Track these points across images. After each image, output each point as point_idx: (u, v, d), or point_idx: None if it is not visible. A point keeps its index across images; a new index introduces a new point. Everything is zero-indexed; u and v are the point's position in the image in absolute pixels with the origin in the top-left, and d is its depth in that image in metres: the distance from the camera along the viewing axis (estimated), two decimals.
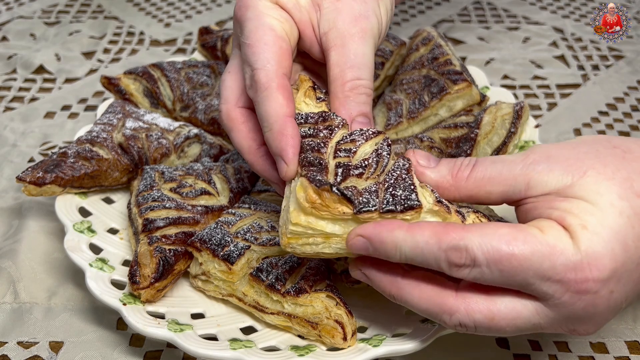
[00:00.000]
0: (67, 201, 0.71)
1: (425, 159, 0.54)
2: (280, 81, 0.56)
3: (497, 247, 0.46)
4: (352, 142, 0.54)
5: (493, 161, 0.52)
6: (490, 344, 0.64)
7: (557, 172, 0.48)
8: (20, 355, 0.63)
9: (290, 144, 0.54)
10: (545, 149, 0.51)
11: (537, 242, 0.45)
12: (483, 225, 0.47)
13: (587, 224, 0.46)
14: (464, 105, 0.80)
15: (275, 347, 0.60)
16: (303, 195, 0.49)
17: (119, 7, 1.29)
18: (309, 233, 0.50)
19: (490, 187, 0.51)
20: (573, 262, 0.45)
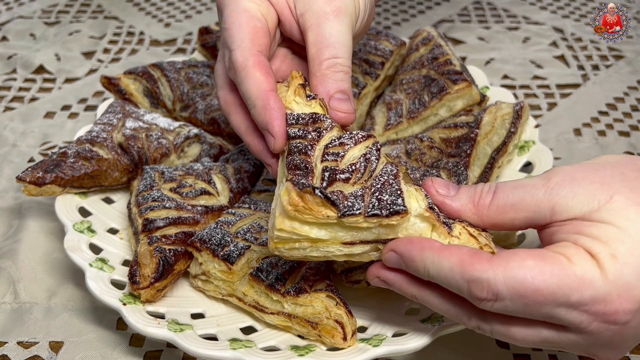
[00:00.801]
0: (67, 201, 0.71)
1: (444, 187, 0.53)
2: (256, 58, 0.58)
3: (522, 282, 0.44)
4: (340, 146, 0.53)
5: (514, 187, 0.50)
6: (491, 344, 0.64)
7: (582, 196, 0.47)
8: (20, 355, 0.63)
9: (274, 116, 0.55)
10: (568, 171, 0.49)
11: (564, 275, 0.44)
12: (509, 257, 0.45)
13: (617, 253, 0.44)
14: (464, 105, 0.80)
15: (275, 347, 0.60)
16: (287, 198, 0.48)
17: (119, 7, 1.29)
18: (294, 238, 0.50)
19: (514, 214, 0.50)
20: (602, 293, 0.44)
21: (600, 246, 0.44)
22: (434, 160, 0.74)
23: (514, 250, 0.47)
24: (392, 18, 1.26)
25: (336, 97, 0.59)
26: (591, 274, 0.44)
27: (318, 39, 0.60)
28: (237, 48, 0.58)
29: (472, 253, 0.47)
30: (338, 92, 0.59)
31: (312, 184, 0.49)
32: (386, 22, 1.24)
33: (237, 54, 0.58)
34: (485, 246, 0.50)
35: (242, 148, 0.79)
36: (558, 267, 0.44)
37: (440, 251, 0.48)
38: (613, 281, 0.44)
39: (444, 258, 0.47)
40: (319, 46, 0.60)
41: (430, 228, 0.50)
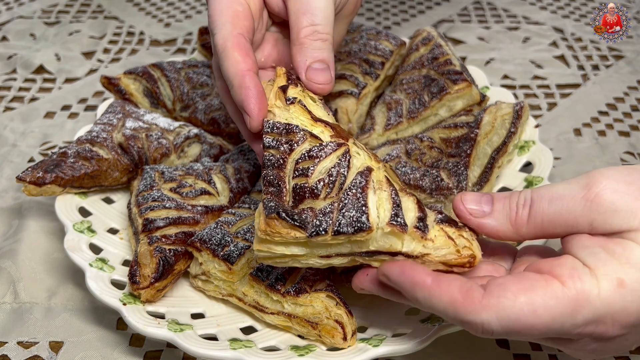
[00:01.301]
0: (67, 201, 0.71)
1: (476, 204, 0.51)
2: (235, 40, 0.58)
3: (516, 321, 0.44)
4: (310, 160, 0.52)
5: (550, 200, 0.47)
6: (491, 344, 0.64)
7: (623, 214, 0.44)
8: (20, 355, 0.63)
9: (249, 94, 0.55)
10: (611, 180, 0.46)
11: (558, 305, 0.43)
12: (500, 294, 0.44)
13: (627, 280, 0.43)
14: (464, 105, 0.80)
15: (275, 347, 0.60)
16: (257, 223, 0.50)
17: (119, 7, 1.29)
18: (274, 255, 0.51)
19: (552, 229, 0.48)
20: (596, 315, 0.43)
21: (612, 268, 0.43)
22: (434, 160, 0.74)
23: (504, 282, 0.45)
24: (392, 18, 1.26)
25: (313, 68, 0.58)
26: (587, 295, 0.43)
27: (297, 6, 0.59)
28: (217, 32, 0.59)
29: (464, 292, 0.45)
30: (316, 62, 0.58)
31: (281, 206, 0.49)
32: (386, 22, 1.24)
33: (218, 38, 0.59)
34: (464, 248, 0.50)
35: (242, 148, 0.79)
36: (551, 297, 0.43)
37: (432, 289, 0.46)
38: (612, 305, 0.43)
39: (434, 297, 0.46)
40: (297, 14, 0.59)
41: (400, 239, 0.50)
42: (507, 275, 0.47)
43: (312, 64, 0.58)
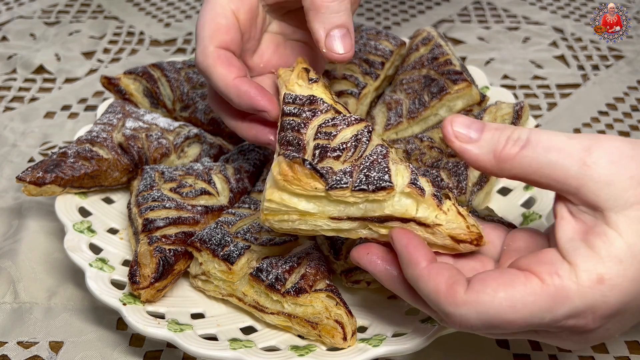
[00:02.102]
0: (67, 201, 0.71)
1: (465, 128, 0.48)
2: (214, 55, 0.57)
3: (495, 316, 0.44)
4: (333, 127, 0.54)
5: (547, 148, 0.44)
6: (490, 344, 0.64)
7: (614, 190, 0.43)
8: (20, 355, 0.63)
9: (251, 95, 0.55)
10: (614, 148, 0.44)
11: (537, 301, 0.43)
12: (480, 289, 0.44)
13: (607, 276, 0.42)
14: (464, 105, 0.80)
15: (275, 347, 0.60)
16: (277, 169, 0.49)
17: (119, 7, 1.29)
18: (283, 210, 0.50)
19: (538, 177, 0.45)
20: (576, 310, 0.43)
21: (592, 263, 0.43)
22: (434, 160, 0.74)
23: (485, 278, 0.45)
24: (392, 18, 1.26)
25: (333, 35, 0.55)
26: (566, 291, 0.43)
27: None
28: (197, 48, 0.58)
29: (450, 284, 0.45)
30: (335, 29, 0.55)
31: (303, 157, 0.50)
32: (386, 22, 1.24)
33: (198, 54, 0.58)
34: (473, 226, 0.51)
35: (242, 148, 0.79)
36: (529, 294, 0.43)
37: (421, 273, 0.46)
38: (591, 301, 0.43)
39: (421, 281, 0.46)
40: None
41: (415, 204, 0.50)
42: (489, 271, 0.47)
43: (331, 30, 0.55)
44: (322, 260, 0.63)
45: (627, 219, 0.42)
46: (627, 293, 0.43)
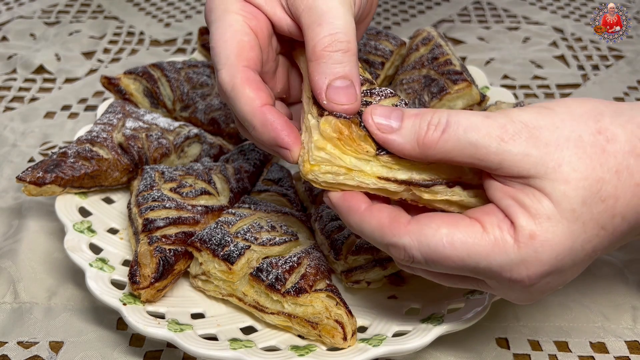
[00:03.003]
0: (67, 201, 0.71)
1: (385, 118, 0.49)
2: (243, 75, 0.53)
3: (434, 249, 0.46)
4: (371, 96, 0.53)
5: (466, 129, 0.46)
6: (491, 343, 0.64)
7: (533, 159, 0.45)
8: (20, 355, 0.63)
9: (277, 128, 0.51)
10: (527, 120, 0.46)
11: (474, 244, 0.46)
12: (425, 222, 0.47)
13: (538, 231, 0.45)
14: (464, 105, 0.80)
15: (275, 347, 0.60)
16: (330, 127, 0.48)
17: (119, 7, 1.29)
18: (332, 161, 0.49)
19: (460, 158, 0.47)
20: (510, 263, 0.46)
21: (524, 220, 0.45)
22: None
23: (432, 215, 0.48)
24: (392, 18, 1.26)
25: (335, 86, 0.50)
26: (503, 243, 0.45)
27: (312, 18, 0.53)
28: (222, 67, 0.54)
29: (392, 217, 0.48)
30: (337, 79, 0.51)
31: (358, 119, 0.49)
32: (386, 22, 1.24)
33: (223, 74, 0.54)
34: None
35: (242, 148, 0.79)
36: (470, 236, 0.46)
37: (363, 215, 0.48)
38: (524, 256, 0.45)
39: (365, 222, 0.48)
40: (313, 26, 0.52)
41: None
42: (438, 212, 0.49)
43: (333, 82, 0.51)
44: (322, 260, 0.63)
45: (551, 181, 0.45)
46: (558, 249, 0.45)
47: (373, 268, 0.64)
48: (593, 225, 0.46)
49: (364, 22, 0.66)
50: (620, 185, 0.45)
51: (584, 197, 0.45)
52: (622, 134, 0.46)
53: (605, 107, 0.48)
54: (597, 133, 0.46)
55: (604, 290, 0.69)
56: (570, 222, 0.45)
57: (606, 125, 0.46)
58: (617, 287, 0.69)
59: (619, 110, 0.47)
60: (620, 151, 0.46)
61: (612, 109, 0.47)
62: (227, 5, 0.56)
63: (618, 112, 0.47)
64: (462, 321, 0.58)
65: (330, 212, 0.68)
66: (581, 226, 0.45)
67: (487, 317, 0.59)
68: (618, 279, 0.70)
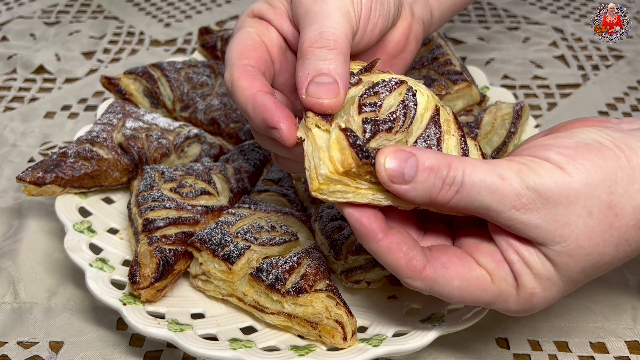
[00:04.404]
0: (67, 201, 0.71)
1: (398, 166, 0.46)
2: (240, 70, 0.54)
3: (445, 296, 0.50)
4: (375, 95, 0.50)
5: (480, 192, 0.46)
6: (490, 343, 0.64)
7: (543, 232, 0.47)
8: (20, 355, 0.63)
9: (267, 109, 0.50)
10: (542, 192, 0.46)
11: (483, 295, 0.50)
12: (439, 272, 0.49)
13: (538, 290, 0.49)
14: (464, 105, 0.80)
15: (275, 347, 0.60)
16: (339, 156, 0.47)
17: (119, 7, 1.29)
18: (341, 182, 0.48)
19: (471, 213, 0.48)
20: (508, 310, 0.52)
21: (528, 279, 0.49)
22: None
23: (447, 263, 0.50)
24: None
25: (316, 82, 0.48)
26: (506, 295, 0.50)
27: (306, 22, 0.53)
28: (225, 69, 0.55)
29: (408, 259, 0.48)
30: (319, 76, 0.49)
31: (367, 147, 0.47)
32: None
33: (226, 74, 0.55)
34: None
35: (242, 148, 0.79)
36: (479, 288, 0.49)
37: (381, 246, 0.49)
38: (522, 307, 0.51)
39: (381, 253, 0.49)
40: (305, 28, 0.52)
41: None
42: (451, 254, 0.50)
43: (315, 77, 0.49)
44: (322, 260, 0.63)
45: (555, 252, 0.48)
46: (550, 300, 0.51)
47: (373, 268, 0.64)
48: (583, 281, 0.51)
49: (398, 57, 0.65)
50: (616, 256, 0.49)
51: (584, 268, 0.49)
52: (629, 208, 0.47)
53: (622, 173, 0.47)
54: (608, 208, 0.47)
55: (604, 290, 0.69)
56: (566, 284, 0.50)
57: (617, 199, 0.47)
58: (617, 287, 0.69)
59: (635, 176, 0.47)
60: (625, 226, 0.48)
61: (629, 175, 0.47)
62: (242, 24, 0.59)
63: (633, 179, 0.47)
64: (462, 321, 0.58)
65: (330, 212, 0.68)
66: (574, 285, 0.50)
67: (487, 317, 0.59)
68: (618, 279, 0.70)
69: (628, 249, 0.49)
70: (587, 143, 0.48)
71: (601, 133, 0.49)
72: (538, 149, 0.49)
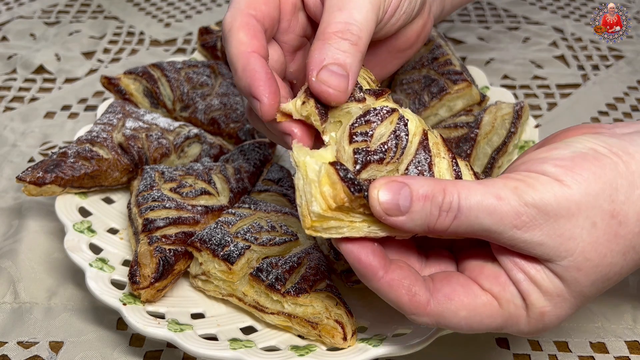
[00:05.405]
0: (67, 201, 0.71)
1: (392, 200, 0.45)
2: (244, 19, 0.51)
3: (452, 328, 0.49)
4: (367, 124, 0.49)
5: (478, 215, 0.45)
6: (490, 343, 0.64)
7: (547, 249, 0.45)
8: (20, 355, 0.63)
9: (256, 77, 0.49)
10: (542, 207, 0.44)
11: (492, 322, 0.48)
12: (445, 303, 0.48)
13: (548, 309, 0.47)
14: (464, 105, 0.80)
15: (275, 347, 0.60)
16: (331, 191, 0.45)
17: (119, 7, 1.29)
18: (334, 218, 0.46)
19: (472, 236, 0.47)
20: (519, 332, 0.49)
21: (537, 297, 0.47)
22: None
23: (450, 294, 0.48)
24: None
25: (329, 69, 0.48)
26: (516, 318, 0.48)
27: (334, 1, 0.51)
28: (229, 10, 0.53)
29: (411, 295, 0.47)
30: (334, 65, 0.49)
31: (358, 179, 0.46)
32: None
33: (227, 16, 0.52)
34: None
35: (242, 148, 0.79)
36: (488, 317, 0.48)
37: (382, 284, 0.47)
38: (534, 328, 0.49)
39: (383, 290, 0.47)
40: (333, 9, 0.51)
41: None
42: (454, 283, 0.49)
43: (330, 64, 0.49)
44: (322, 260, 0.63)
45: (563, 267, 0.46)
46: (562, 318, 0.49)
47: None
48: (594, 294, 0.49)
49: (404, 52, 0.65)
50: (625, 265, 0.47)
51: (594, 280, 0.47)
52: (633, 215, 0.46)
53: (622, 179, 0.46)
54: (611, 217, 0.46)
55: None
56: (577, 299, 0.48)
57: (619, 207, 0.46)
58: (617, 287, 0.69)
59: (635, 182, 0.46)
60: (630, 233, 0.46)
61: (629, 181, 0.46)
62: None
63: (633, 185, 0.46)
64: None
65: None
66: (585, 300, 0.48)
67: None
68: None
69: (636, 256, 0.47)
70: (583, 152, 0.46)
71: (596, 140, 0.47)
72: (533, 163, 0.47)
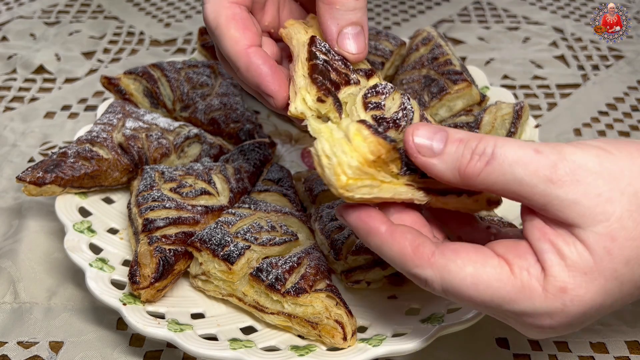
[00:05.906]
0: (67, 201, 0.71)
1: (428, 139, 0.44)
2: (228, 12, 0.51)
3: (457, 288, 0.44)
4: (377, 96, 0.50)
5: (513, 163, 0.42)
6: (490, 343, 0.64)
7: (582, 209, 0.41)
8: (20, 355, 0.63)
9: (262, 73, 0.50)
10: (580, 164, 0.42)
11: (500, 288, 0.43)
12: (450, 256, 0.44)
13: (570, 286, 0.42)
14: (464, 105, 0.80)
15: (275, 347, 0.60)
16: (366, 146, 0.44)
17: (119, 7, 1.29)
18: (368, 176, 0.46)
19: (504, 192, 0.44)
20: (535, 311, 0.43)
21: (559, 269, 0.42)
22: None
23: (458, 249, 0.44)
24: (392, 18, 1.26)
25: (346, 32, 0.50)
26: (530, 290, 0.43)
27: None
28: (206, 3, 0.52)
29: (415, 246, 0.45)
30: (349, 26, 0.50)
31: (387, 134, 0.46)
32: (386, 22, 1.24)
33: (208, 8, 0.52)
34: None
35: (242, 148, 0.79)
36: (496, 279, 0.43)
37: (384, 238, 0.45)
38: (551, 307, 0.43)
39: (386, 246, 0.45)
40: None
41: None
42: (465, 243, 0.46)
43: (344, 28, 0.50)
44: (322, 260, 0.63)
45: (596, 235, 0.42)
46: (588, 305, 0.43)
47: (373, 268, 0.64)
48: (631, 286, 0.43)
49: None
50: None
51: (628, 257, 0.42)
52: None
53: None
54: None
55: None
56: (608, 281, 0.42)
57: None
58: None
59: None
60: None
61: None
62: None
63: None
64: (462, 321, 0.58)
65: (330, 212, 0.68)
66: (618, 285, 0.42)
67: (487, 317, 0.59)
68: None
69: None
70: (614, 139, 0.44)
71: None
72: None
